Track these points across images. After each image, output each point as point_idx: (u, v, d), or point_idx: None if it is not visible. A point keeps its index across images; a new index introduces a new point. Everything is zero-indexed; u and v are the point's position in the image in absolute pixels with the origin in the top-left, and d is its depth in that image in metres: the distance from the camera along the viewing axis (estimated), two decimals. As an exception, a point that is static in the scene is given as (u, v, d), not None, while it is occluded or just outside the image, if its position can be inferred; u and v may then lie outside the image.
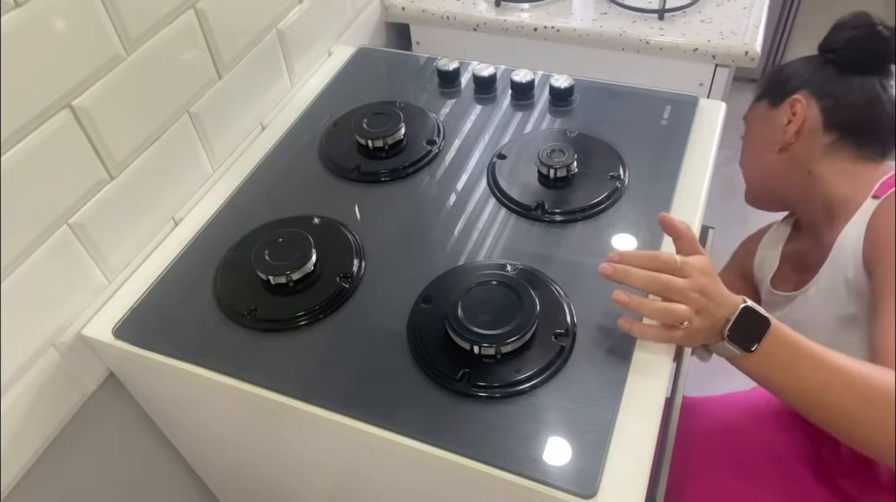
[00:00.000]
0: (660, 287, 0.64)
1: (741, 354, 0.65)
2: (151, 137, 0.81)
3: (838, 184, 0.87)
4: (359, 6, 1.20)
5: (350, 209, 0.86)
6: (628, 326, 0.66)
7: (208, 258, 0.81)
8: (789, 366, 0.65)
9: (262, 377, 0.69)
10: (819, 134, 0.89)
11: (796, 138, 0.91)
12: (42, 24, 0.65)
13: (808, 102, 0.90)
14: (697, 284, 0.64)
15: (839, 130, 0.88)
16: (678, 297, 0.63)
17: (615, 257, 0.67)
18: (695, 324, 0.64)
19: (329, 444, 0.71)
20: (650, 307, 0.64)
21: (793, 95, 0.91)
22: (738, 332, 0.64)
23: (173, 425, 0.90)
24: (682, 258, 0.65)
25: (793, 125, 0.90)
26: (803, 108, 0.90)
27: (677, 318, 0.63)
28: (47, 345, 0.74)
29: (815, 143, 0.89)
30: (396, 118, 0.93)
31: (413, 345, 0.69)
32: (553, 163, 0.83)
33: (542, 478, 0.59)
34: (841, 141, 0.88)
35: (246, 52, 0.93)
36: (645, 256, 0.65)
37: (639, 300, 0.65)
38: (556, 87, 0.97)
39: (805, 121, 0.90)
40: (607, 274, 0.66)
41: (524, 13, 1.23)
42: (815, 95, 0.90)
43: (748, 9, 1.19)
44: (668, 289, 0.64)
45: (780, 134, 0.92)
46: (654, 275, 0.64)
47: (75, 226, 0.74)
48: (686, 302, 0.63)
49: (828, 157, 0.89)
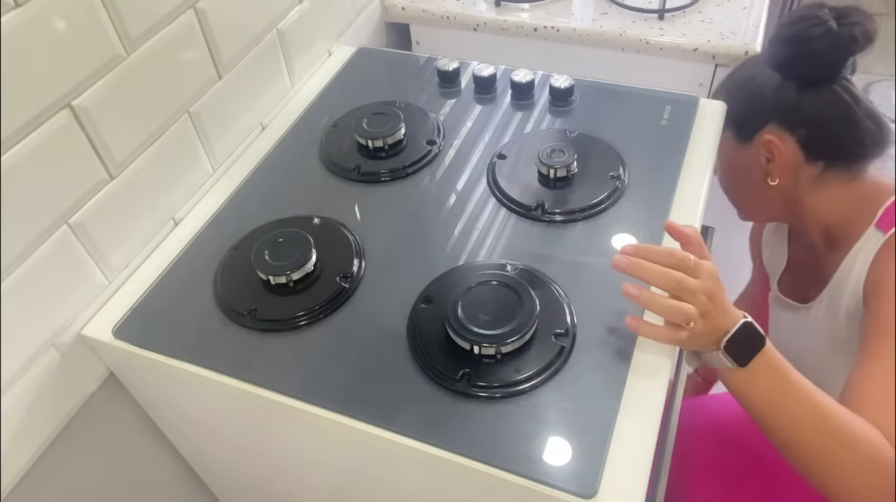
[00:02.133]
0: (674, 284, 0.62)
1: (731, 368, 0.65)
2: (151, 137, 0.81)
3: (836, 211, 0.84)
4: (359, 6, 1.20)
5: (350, 209, 0.86)
6: (636, 325, 0.65)
7: (208, 258, 0.81)
8: (773, 390, 0.65)
9: (262, 377, 0.69)
10: (803, 167, 0.85)
11: (780, 178, 0.86)
12: (42, 24, 0.65)
13: (782, 140, 0.83)
14: (708, 287, 0.63)
15: (824, 159, 0.83)
16: (688, 297, 0.62)
17: (630, 250, 0.65)
18: (698, 326, 0.63)
19: (329, 444, 0.71)
20: (662, 303, 0.63)
21: (761, 131, 0.85)
22: (735, 346, 0.64)
23: (173, 425, 0.90)
24: (696, 259, 0.64)
25: (774, 168, 0.85)
26: (779, 149, 0.84)
27: (686, 317, 0.62)
28: (47, 345, 0.74)
29: (802, 176, 0.85)
30: (396, 118, 0.93)
31: (413, 345, 0.69)
32: (553, 163, 0.83)
33: (541, 478, 0.59)
34: (829, 169, 0.84)
35: (246, 52, 0.93)
36: (662, 251, 0.64)
37: (650, 295, 0.63)
38: (556, 87, 0.97)
39: (784, 159, 0.84)
40: (621, 266, 0.64)
41: (524, 13, 1.23)
42: (787, 128, 0.83)
43: (748, 9, 1.19)
44: (682, 288, 0.62)
45: (759, 173, 0.87)
46: (670, 271, 0.63)
47: (75, 226, 0.74)
48: (694, 303, 0.62)
49: (819, 187, 0.85)
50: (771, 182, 0.86)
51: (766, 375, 0.65)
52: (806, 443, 0.65)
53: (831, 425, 0.64)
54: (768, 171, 0.86)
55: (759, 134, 0.85)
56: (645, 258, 0.64)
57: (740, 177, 0.93)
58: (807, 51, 0.80)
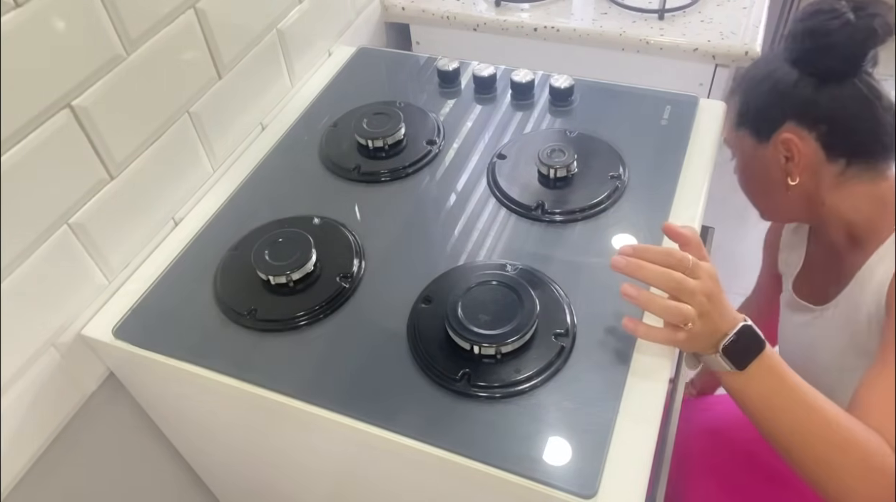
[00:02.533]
0: (673, 284, 0.62)
1: (730, 370, 0.65)
2: (151, 137, 0.81)
3: (859, 210, 0.80)
4: (359, 6, 1.20)
5: (350, 209, 0.86)
6: (633, 326, 0.65)
7: (208, 258, 0.81)
8: (772, 394, 0.65)
9: (262, 377, 0.69)
10: (824, 166, 0.81)
11: (800, 177, 0.82)
12: (42, 24, 0.65)
13: (800, 138, 0.80)
14: (706, 287, 0.63)
15: (845, 156, 0.79)
16: (686, 297, 0.62)
17: (628, 250, 0.65)
18: (696, 327, 0.63)
19: (329, 444, 0.71)
20: (659, 304, 0.63)
21: (779, 130, 0.81)
22: (734, 348, 0.64)
23: (173, 425, 0.90)
24: (695, 259, 0.64)
25: (794, 167, 0.82)
26: (798, 147, 0.80)
27: (684, 318, 0.62)
28: (47, 345, 0.74)
29: (823, 176, 0.81)
30: (396, 118, 0.93)
31: (413, 345, 0.69)
32: (553, 163, 0.83)
33: (542, 478, 0.59)
34: (851, 167, 0.80)
35: (246, 52, 0.93)
36: (661, 251, 0.64)
37: (648, 295, 0.63)
38: (556, 87, 0.97)
39: (804, 157, 0.80)
40: (620, 266, 0.64)
41: (524, 13, 1.23)
42: (806, 125, 0.79)
43: (748, 9, 1.19)
44: (680, 288, 0.62)
45: (778, 172, 0.84)
46: (668, 271, 0.63)
47: (75, 226, 0.74)
48: (693, 303, 0.62)
49: (841, 186, 0.81)
50: (791, 181, 0.82)
51: (765, 379, 0.65)
52: (805, 448, 0.64)
53: (832, 430, 0.63)
54: (788, 171, 0.83)
55: (777, 132, 0.82)
56: (643, 258, 0.64)
57: (759, 176, 0.89)
58: (824, 44, 0.76)
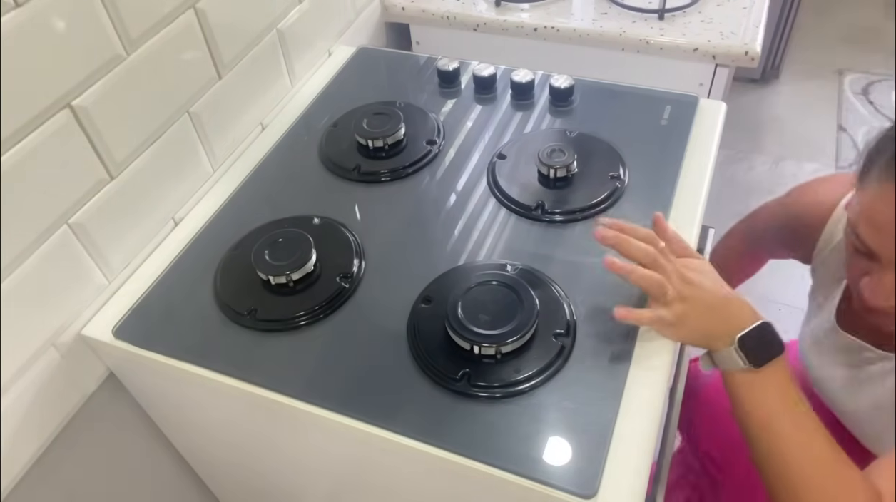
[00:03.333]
0: (650, 259, 0.66)
1: (743, 368, 0.64)
2: (151, 137, 0.81)
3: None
4: (359, 6, 1.20)
5: (350, 209, 0.86)
6: (624, 313, 0.66)
7: (208, 258, 0.81)
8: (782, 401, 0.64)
9: (262, 377, 0.69)
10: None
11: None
12: (42, 24, 0.65)
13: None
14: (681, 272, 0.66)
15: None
16: (660, 270, 0.66)
17: (607, 221, 0.70)
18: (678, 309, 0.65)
19: (329, 444, 0.71)
20: (640, 273, 0.66)
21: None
22: (752, 343, 0.64)
23: (173, 425, 0.90)
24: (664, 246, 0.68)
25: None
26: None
27: (660, 286, 0.65)
28: (47, 345, 0.74)
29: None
30: (396, 118, 0.93)
31: (413, 345, 0.69)
32: (553, 163, 0.83)
33: (542, 478, 0.59)
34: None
35: (246, 52, 0.93)
36: (634, 227, 0.69)
37: (630, 266, 0.66)
38: (556, 87, 0.97)
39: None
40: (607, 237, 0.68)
41: (524, 13, 1.23)
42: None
43: (748, 9, 1.19)
44: (656, 263, 0.66)
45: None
46: (646, 246, 0.67)
47: (75, 226, 0.74)
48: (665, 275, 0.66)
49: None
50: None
51: (781, 384, 0.64)
52: (794, 459, 0.63)
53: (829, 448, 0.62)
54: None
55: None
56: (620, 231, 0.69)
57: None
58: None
